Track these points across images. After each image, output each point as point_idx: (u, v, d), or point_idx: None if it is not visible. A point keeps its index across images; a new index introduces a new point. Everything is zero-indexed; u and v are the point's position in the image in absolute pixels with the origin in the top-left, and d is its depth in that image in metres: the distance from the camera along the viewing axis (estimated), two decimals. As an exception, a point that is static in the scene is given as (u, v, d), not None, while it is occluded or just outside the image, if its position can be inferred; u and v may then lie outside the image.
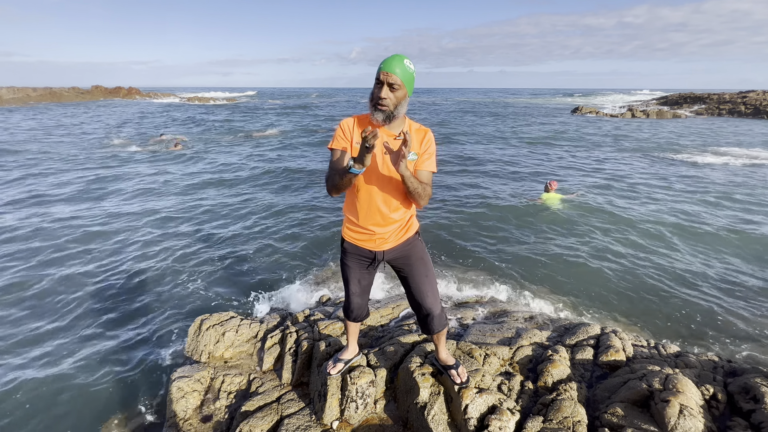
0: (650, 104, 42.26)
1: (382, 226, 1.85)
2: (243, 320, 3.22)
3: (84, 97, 53.83)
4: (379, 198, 1.79)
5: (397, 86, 1.62)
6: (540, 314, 3.60)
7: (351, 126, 1.78)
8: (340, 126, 1.79)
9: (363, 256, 1.95)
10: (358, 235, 1.92)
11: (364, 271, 2.01)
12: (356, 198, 1.83)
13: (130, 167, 11.30)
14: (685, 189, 9.00)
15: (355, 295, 2.09)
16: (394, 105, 1.64)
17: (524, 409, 2.16)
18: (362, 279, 2.05)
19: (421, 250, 2.00)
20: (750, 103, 31.86)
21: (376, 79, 1.63)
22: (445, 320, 2.10)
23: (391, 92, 1.62)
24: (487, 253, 5.60)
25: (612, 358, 2.55)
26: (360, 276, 2.03)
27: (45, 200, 8.06)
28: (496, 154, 13.66)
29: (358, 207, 1.84)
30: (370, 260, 1.95)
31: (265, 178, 10.29)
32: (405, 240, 1.94)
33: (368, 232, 1.87)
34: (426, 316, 2.03)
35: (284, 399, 2.48)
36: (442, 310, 2.08)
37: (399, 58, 1.62)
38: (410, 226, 1.95)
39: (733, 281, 4.77)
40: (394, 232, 1.89)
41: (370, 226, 1.85)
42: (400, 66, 1.61)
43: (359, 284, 2.06)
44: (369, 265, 1.98)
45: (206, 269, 5.19)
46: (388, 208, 1.81)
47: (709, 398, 2.15)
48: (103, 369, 3.40)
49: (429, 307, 2.00)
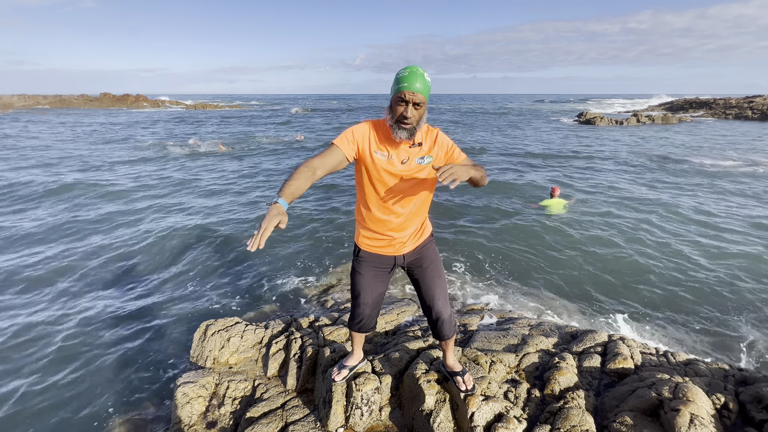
0: (656, 110, 42.08)
1: (399, 231, 1.84)
2: (248, 326, 3.23)
3: (93, 104, 54.62)
4: (396, 206, 1.78)
5: (421, 103, 1.58)
6: (546, 321, 3.57)
7: (366, 134, 1.70)
8: (353, 131, 1.70)
9: (382, 263, 1.94)
10: (375, 242, 1.89)
11: (379, 280, 1.98)
12: (371, 204, 1.80)
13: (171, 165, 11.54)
14: (694, 193, 8.92)
15: (366, 305, 2.04)
16: (417, 121, 1.62)
17: (531, 417, 2.13)
18: (376, 288, 2.00)
19: (434, 252, 2.01)
20: (757, 108, 31.64)
21: (399, 97, 1.55)
22: (455, 326, 2.10)
23: (415, 110, 1.59)
24: (491, 260, 5.57)
25: (620, 365, 2.52)
26: (374, 285, 1.99)
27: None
28: (500, 160, 13.65)
29: (374, 213, 1.81)
30: (389, 266, 1.95)
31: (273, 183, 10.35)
32: (421, 242, 1.96)
33: (387, 238, 1.86)
34: (436, 320, 2.02)
35: (289, 405, 2.47)
36: (452, 314, 2.08)
37: (419, 73, 1.55)
38: (425, 229, 1.97)
39: (744, 287, 4.70)
40: (411, 235, 1.90)
41: (388, 231, 1.84)
42: (422, 81, 1.55)
43: (372, 294, 2.01)
44: (389, 272, 1.98)
45: (211, 274, 5.20)
46: (404, 212, 1.81)
47: (720, 407, 2.12)
48: (107, 374, 3.41)
49: (439, 310, 1.99)
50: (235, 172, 11.74)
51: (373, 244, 1.91)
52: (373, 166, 1.71)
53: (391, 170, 1.71)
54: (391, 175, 1.73)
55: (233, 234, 6.65)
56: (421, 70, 1.57)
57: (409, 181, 1.75)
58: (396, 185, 1.74)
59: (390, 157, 1.69)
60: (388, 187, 1.74)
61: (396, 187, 1.75)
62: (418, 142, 1.71)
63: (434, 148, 1.74)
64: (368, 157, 1.70)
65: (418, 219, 1.89)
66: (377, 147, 1.70)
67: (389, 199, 1.76)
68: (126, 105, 57.37)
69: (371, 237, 1.89)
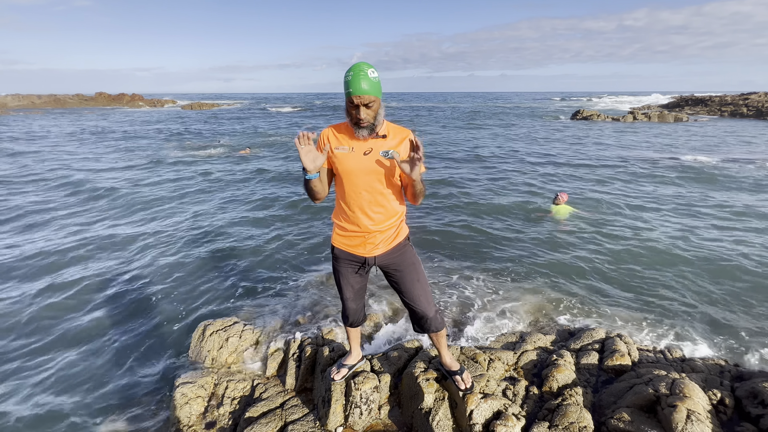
0: (652, 107, 42.24)
1: (370, 231, 1.85)
2: (246, 326, 3.23)
3: (88, 103, 54.27)
4: (365, 201, 1.81)
5: (372, 102, 1.64)
6: (544, 319, 3.59)
7: (327, 136, 1.81)
8: (320, 136, 1.82)
9: (353, 261, 1.96)
10: (348, 240, 1.93)
11: (355, 275, 2.01)
12: (342, 201, 1.87)
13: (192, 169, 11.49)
14: (696, 195, 8.96)
15: (349, 300, 2.09)
16: (374, 118, 1.69)
17: (529, 414, 2.14)
18: (354, 284, 2.04)
19: (412, 255, 2.01)
20: (752, 105, 31.79)
21: (350, 101, 1.63)
22: (441, 321, 2.10)
23: (368, 109, 1.65)
24: (490, 259, 5.58)
25: (617, 362, 2.54)
26: (352, 281, 2.03)
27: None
28: (502, 165, 13.66)
29: (346, 211, 1.87)
30: (360, 264, 1.96)
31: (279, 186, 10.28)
32: (395, 245, 1.93)
33: (358, 236, 1.88)
34: (421, 319, 2.05)
35: (288, 405, 2.47)
36: (437, 312, 2.07)
37: (363, 74, 1.59)
38: (400, 232, 1.95)
39: (741, 285, 4.74)
40: (384, 237, 1.89)
41: (358, 228, 1.86)
42: (367, 81, 1.59)
43: (352, 289, 2.06)
44: (359, 269, 1.98)
45: (210, 274, 5.19)
46: (373, 210, 1.83)
47: (717, 403, 2.14)
48: (104, 374, 3.39)
49: (423, 311, 2.01)
50: (240, 173, 11.71)
51: (346, 242, 1.94)
52: (338, 161, 1.78)
53: (355, 161, 1.75)
54: (356, 167, 1.76)
55: (232, 234, 6.64)
56: (365, 68, 1.61)
57: (374, 174, 1.77)
58: (362, 179, 1.77)
59: (352, 150, 1.76)
60: (355, 181, 1.78)
61: (362, 180, 1.78)
62: (382, 134, 1.76)
63: (400, 146, 1.77)
64: (333, 156, 1.79)
65: (390, 220, 1.88)
66: (338, 143, 1.78)
67: (359, 192, 1.79)
68: (121, 104, 57.05)
69: (344, 234, 1.93)
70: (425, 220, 7.24)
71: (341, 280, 2.04)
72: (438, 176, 10.88)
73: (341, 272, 2.02)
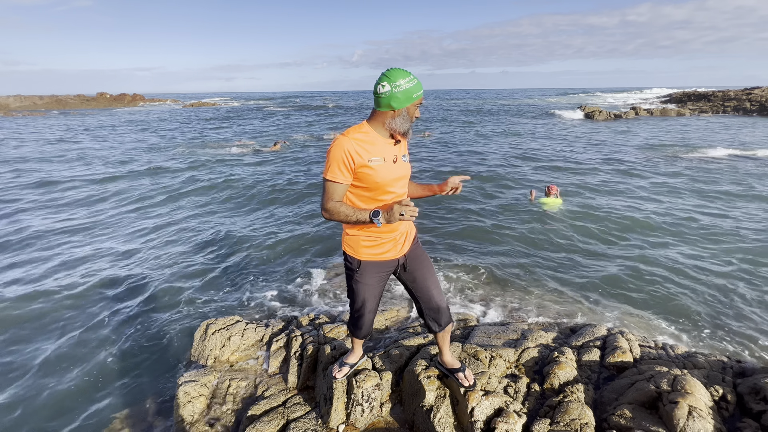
0: (654, 102, 42.00)
1: (402, 231, 1.91)
2: (248, 324, 3.24)
3: (89, 104, 54.35)
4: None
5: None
6: (545, 316, 3.59)
7: (351, 151, 1.65)
8: (337, 159, 1.65)
9: (385, 269, 1.94)
10: (380, 248, 1.87)
11: (381, 284, 2.00)
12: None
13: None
14: (692, 188, 8.93)
15: (370, 312, 2.06)
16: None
17: (531, 411, 2.14)
18: (378, 294, 2.04)
19: (421, 247, 2.07)
20: (755, 100, 31.55)
21: (420, 103, 1.75)
22: (451, 315, 2.12)
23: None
24: (489, 256, 5.58)
25: (619, 359, 2.54)
26: (377, 291, 2.01)
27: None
28: (494, 158, 13.63)
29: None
30: (391, 270, 1.97)
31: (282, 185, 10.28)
32: (413, 238, 2.02)
33: (392, 241, 1.88)
34: (437, 309, 2.03)
35: (290, 403, 2.48)
36: (447, 304, 2.11)
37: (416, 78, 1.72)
38: (412, 226, 2.03)
39: (742, 280, 4.72)
40: (408, 231, 1.97)
41: (394, 235, 1.87)
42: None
43: (375, 300, 2.04)
44: (388, 275, 2.00)
45: (212, 273, 5.21)
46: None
47: (719, 399, 2.13)
48: (108, 373, 3.42)
49: (438, 301, 2.03)
50: (242, 173, 11.72)
51: (377, 251, 1.88)
52: (375, 173, 1.69)
53: (390, 170, 1.75)
54: (392, 175, 1.77)
55: (232, 234, 6.66)
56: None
57: (405, 178, 1.87)
58: (397, 184, 1.82)
59: (384, 159, 1.73)
60: (392, 189, 1.79)
61: (397, 186, 1.82)
62: (396, 140, 1.80)
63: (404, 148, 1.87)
64: (366, 168, 1.68)
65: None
66: (369, 155, 1.68)
67: (394, 198, 1.81)
68: (123, 104, 57.14)
69: (375, 245, 1.86)
70: (420, 217, 7.25)
71: (366, 293, 1.97)
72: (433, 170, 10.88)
73: (368, 285, 1.95)
